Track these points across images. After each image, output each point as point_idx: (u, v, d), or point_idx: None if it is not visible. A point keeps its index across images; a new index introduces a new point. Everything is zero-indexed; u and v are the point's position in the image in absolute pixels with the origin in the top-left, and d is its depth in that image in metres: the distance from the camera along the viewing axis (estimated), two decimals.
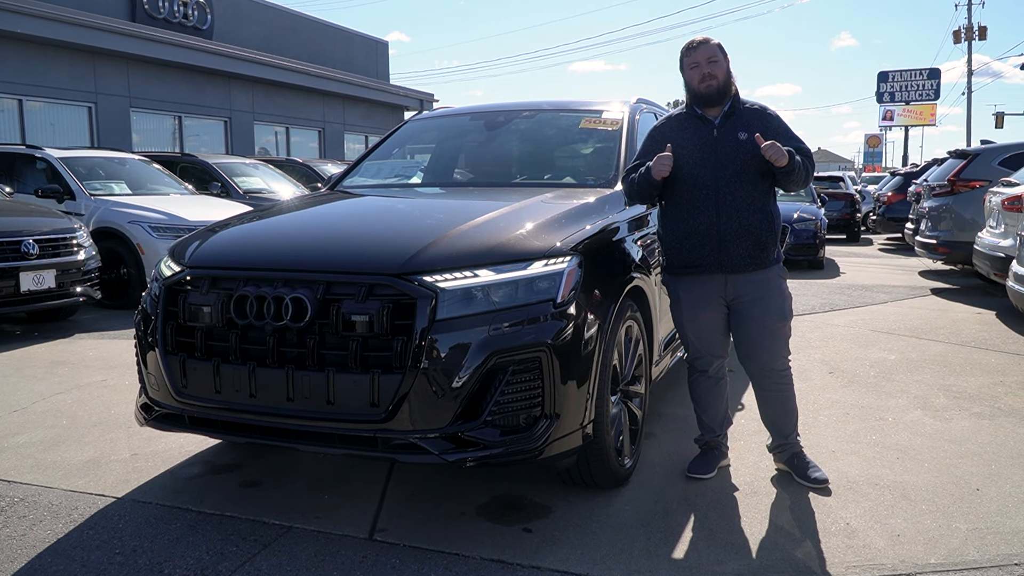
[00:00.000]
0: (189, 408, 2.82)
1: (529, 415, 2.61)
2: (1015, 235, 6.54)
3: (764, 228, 3.10)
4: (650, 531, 2.79)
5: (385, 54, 26.95)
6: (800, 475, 3.21)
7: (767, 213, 3.11)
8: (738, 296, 3.15)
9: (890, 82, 37.29)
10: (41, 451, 3.66)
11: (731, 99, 3.15)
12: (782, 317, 3.17)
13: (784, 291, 3.20)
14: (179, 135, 17.74)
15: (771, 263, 3.14)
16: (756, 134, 3.02)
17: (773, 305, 3.15)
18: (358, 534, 2.78)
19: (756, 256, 3.11)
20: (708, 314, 3.22)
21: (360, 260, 2.74)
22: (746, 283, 3.13)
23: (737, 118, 3.14)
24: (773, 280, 3.16)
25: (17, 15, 13.33)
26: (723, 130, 3.12)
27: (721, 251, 3.10)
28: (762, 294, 3.14)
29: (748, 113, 3.16)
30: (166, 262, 3.07)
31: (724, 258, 3.11)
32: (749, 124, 3.11)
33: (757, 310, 3.14)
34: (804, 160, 3.08)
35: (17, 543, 2.73)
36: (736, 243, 3.08)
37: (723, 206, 3.06)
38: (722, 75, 3.12)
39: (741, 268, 3.11)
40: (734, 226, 3.08)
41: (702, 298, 3.20)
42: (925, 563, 2.56)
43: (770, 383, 3.23)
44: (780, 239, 3.21)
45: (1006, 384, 4.76)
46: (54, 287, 6.53)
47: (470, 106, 5.11)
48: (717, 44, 3.16)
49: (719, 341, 3.28)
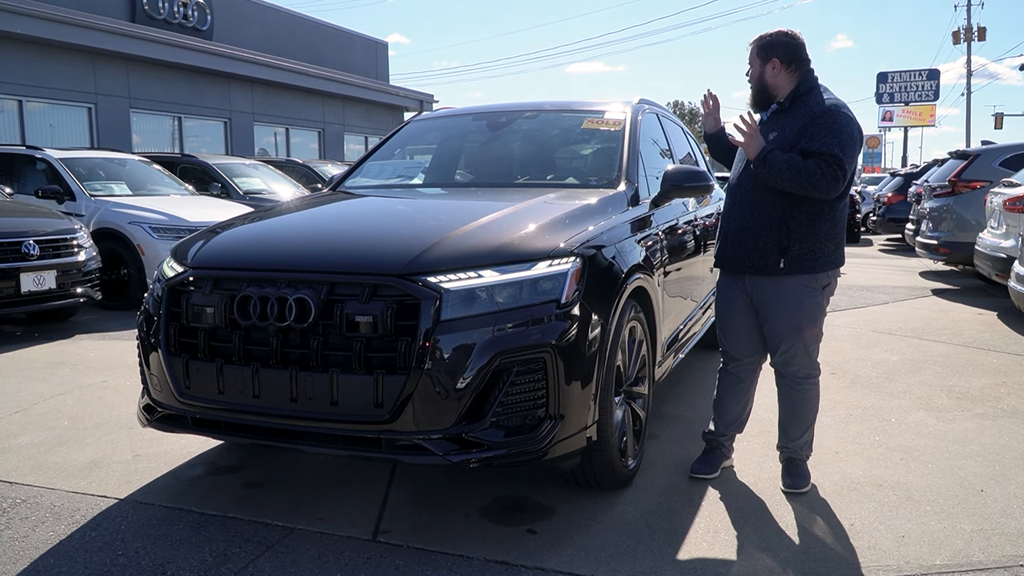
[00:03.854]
0: (192, 409, 2.81)
1: (533, 416, 2.60)
2: (1016, 236, 6.53)
3: (766, 233, 2.99)
4: (654, 532, 2.78)
5: (385, 55, 26.95)
6: (783, 478, 3.19)
7: (776, 219, 2.97)
8: (755, 297, 3.13)
9: (889, 83, 37.32)
10: (43, 452, 3.65)
11: (785, 98, 3.04)
12: (796, 326, 3.05)
13: (804, 301, 3.03)
14: (179, 136, 17.73)
15: (779, 271, 3.00)
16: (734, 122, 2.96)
17: (786, 313, 3.05)
18: (361, 535, 2.77)
19: (755, 261, 3.03)
20: (734, 313, 3.22)
21: (364, 261, 2.73)
22: (757, 286, 3.09)
23: (783, 116, 3.03)
24: (790, 289, 3.03)
25: (17, 16, 13.32)
26: (763, 128, 3.05)
27: (725, 249, 3.13)
28: (775, 300, 3.06)
29: (800, 111, 3.00)
30: (169, 263, 3.06)
31: (728, 257, 3.12)
32: (787, 123, 3.00)
33: (771, 314, 3.09)
34: (797, 164, 2.84)
35: (19, 544, 2.72)
36: (736, 243, 3.08)
37: (735, 204, 3.06)
38: (755, 79, 3.07)
39: (743, 270, 3.09)
40: (735, 227, 3.08)
41: (728, 295, 3.23)
42: (930, 564, 2.55)
43: (784, 384, 3.20)
44: (813, 250, 2.99)
45: (1008, 385, 4.75)
46: (54, 288, 6.51)
47: (472, 106, 5.10)
48: (756, 46, 3.07)
49: (742, 342, 3.23)
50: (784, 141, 2.96)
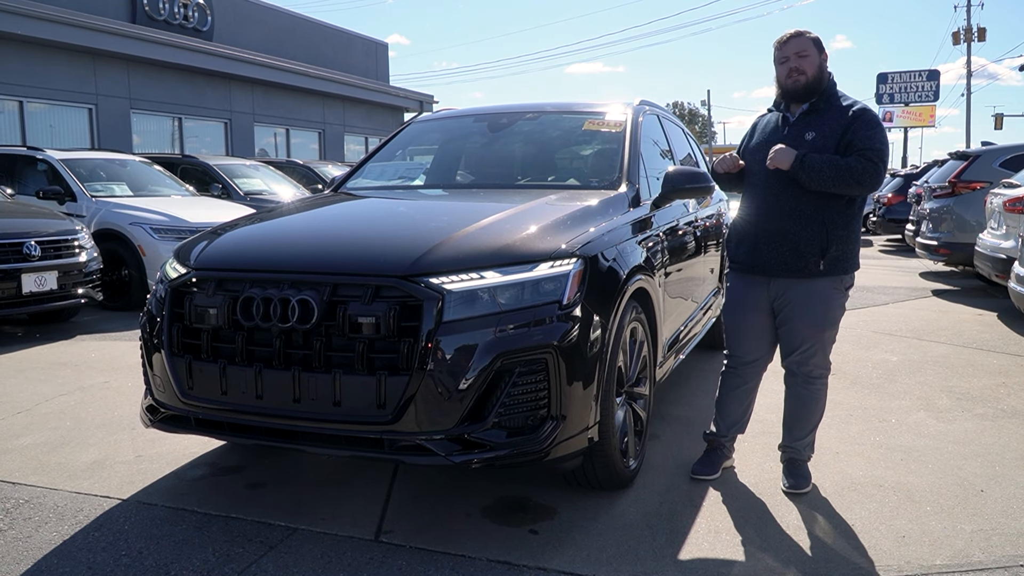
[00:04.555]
0: (195, 410, 2.82)
1: (535, 416, 2.61)
2: (1016, 237, 6.54)
3: (807, 236, 2.96)
4: (655, 532, 2.79)
5: (385, 55, 26.97)
6: (784, 478, 3.20)
7: (817, 221, 2.95)
8: (779, 299, 3.10)
9: (889, 83, 37.30)
10: (45, 453, 3.66)
11: (819, 98, 3.01)
12: (820, 327, 3.07)
13: (832, 302, 3.06)
14: (179, 136, 17.75)
15: (817, 273, 3.00)
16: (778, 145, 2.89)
17: (812, 314, 3.05)
18: (364, 535, 2.78)
19: (792, 263, 3.01)
20: (748, 315, 3.18)
21: (366, 262, 2.74)
22: (788, 288, 3.06)
23: (817, 116, 3.00)
24: (821, 290, 3.03)
25: (18, 16, 13.34)
26: (794, 128, 3.02)
27: (756, 252, 3.07)
28: (804, 300, 3.05)
29: (832, 111, 2.99)
30: (171, 264, 3.07)
31: (760, 260, 3.07)
32: (825, 123, 2.97)
33: (796, 315, 3.07)
34: (838, 162, 2.85)
35: (23, 545, 2.73)
36: (770, 246, 3.02)
37: (768, 207, 2.99)
38: (811, 71, 2.98)
39: (777, 272, 3.05)
40: (772, 229, 3.01)
41: (745, 298, 3.18)
42: (931, 564, 2.56)
43: (795, 382, 3.19)
44: (846, 252, 3.02)
45: (1008, 385, 4.76)
46: (56, 289, 6.52)
47: (473, 108, 5.10)
48: (812, 38, 3.02)
49: (752, 346, 3.21)
50: (827, 140, 2.94)
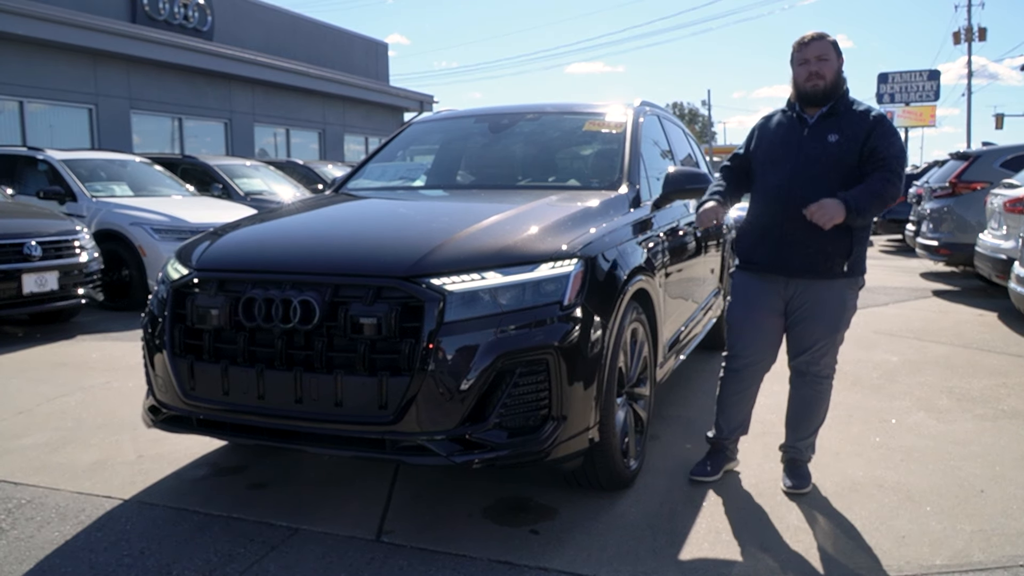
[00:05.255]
0: (197, 410, 2.83)
1: (536, 417, 2.62)
2: (1017, 237, 6.55)
3: (831, 238, 2.94)
4: (656, 533, 2.80)
5: (384, 56, 26.98)
6: (784, 478, 3.21)
7: (846, 225, 2.91)
8: (795, 299, 3.09)
9: (890, 83, 37.27)
10: (47, 453, 3.66)
11: (838, 101, 3.02)
12: (834, 328, 3.08)
13: (847, 304, 3.07)
14: (179, 137, 17.75)
15: (837, 275, 3.01)
16: (812, 208, 2.84)
17: (829, 314, 3.05)
18: (365, 536, 2.78)
19: (817, 265, 3.00)
20: (758, 315, 3.16)
21: (368, 263, 2.74)
22: (807, 289, 3.05)
23: (836, 119, 3.01)
24: (838, 292, 3.04)
25: (18, 16, 13.33)
26: (815, 130, 3.02)
27: (779, 253, 3.04)
28: (821, 301, 3.04)
29: (851, 115, 3.01)
30: (173, 264, 3.08)
31: (781, 260, 3.05)
32: (846, 126, 2.98)
33: (810, 316, 3.06)
34: (874, 191, 2.87)
35: (25, 545, 2.74)
36: (796, 247, 3.00)
37: (791, 208, 2.95)
38: (831, 75, 3.00)
39: (799, 273, 3.04)
40: (798, 231, 2.97)
41: (756, 298, 3.15)
42: (931, 564, 2.57)
43: (802, 382, 3.19)
44: (862, 252, 3.05)
45: (1009, 386, 4.77)
46: (56, 289, 6.53)
47: (474, 108, 5.11)
48: (831, 41, 3.03)
49: (759, 346, 3.20)
50: (851, 143, 2.94)
